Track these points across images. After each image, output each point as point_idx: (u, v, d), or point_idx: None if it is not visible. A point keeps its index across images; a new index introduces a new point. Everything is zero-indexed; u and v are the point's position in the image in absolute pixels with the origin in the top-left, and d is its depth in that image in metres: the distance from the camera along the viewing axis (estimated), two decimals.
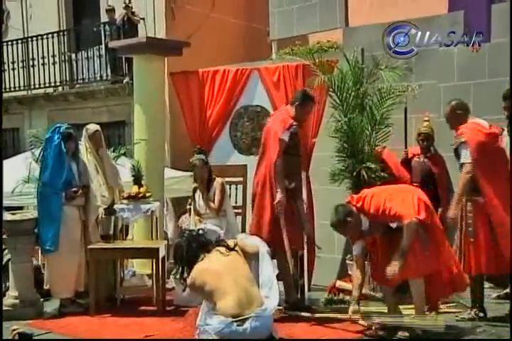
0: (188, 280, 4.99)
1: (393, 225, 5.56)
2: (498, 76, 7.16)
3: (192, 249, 5.07)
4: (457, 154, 6.08)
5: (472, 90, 7.55)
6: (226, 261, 4.94)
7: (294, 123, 6.54)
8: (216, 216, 7.18)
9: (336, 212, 5.72)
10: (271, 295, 4.96)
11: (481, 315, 6.05)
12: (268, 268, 5.13)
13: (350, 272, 7.26)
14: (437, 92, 7.72)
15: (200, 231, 5.31)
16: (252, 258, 5.15)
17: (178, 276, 5.23)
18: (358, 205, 5.69)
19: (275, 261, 6.29)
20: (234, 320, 4.63)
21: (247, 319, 4.65)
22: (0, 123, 7.72)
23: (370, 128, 7.26)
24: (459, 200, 5.98)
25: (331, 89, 7.48)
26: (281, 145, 6.43)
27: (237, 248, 5.07)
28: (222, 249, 5.03)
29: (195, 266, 4.98)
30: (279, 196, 6.40)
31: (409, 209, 5.45)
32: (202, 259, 5.01)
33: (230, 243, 5.13)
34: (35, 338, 5.00)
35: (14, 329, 4.21)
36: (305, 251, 7.44)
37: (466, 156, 5.89)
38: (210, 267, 4.93)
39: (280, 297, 5.15)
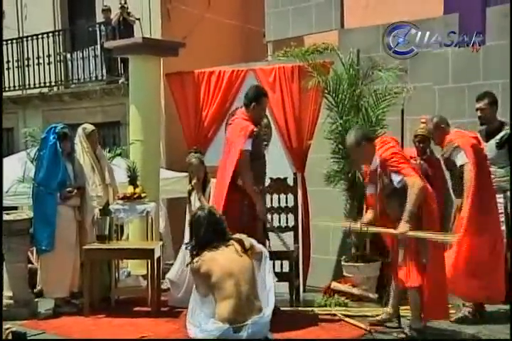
0: (196, 263, 4.86)
1: (396, 183, 5.51)
2: (493, 78, 7.20)
3: (209, 230, 4.92)
4: (450, 162, 6.18)
5: (467, 92, 7.58)
6: (238, 263, 4.83)
7: (255, 129, 6.23)
8: None
9: (356, 132, 5.72)
10: (268, 298, 4.92)
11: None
12: (268, 272, 5.09)
13: (345, 273, 7.30)
14: (432, 94, 7.74)
15: (223, 217, 5.13)
16: (256, 258, 5.10)
17: (189, 249, 5.11)
18: (377, 146, 5.64)
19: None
20: (231, 326, 4.59)
21: (244, 326, 4.62)
22: (0, 124, 7.69)
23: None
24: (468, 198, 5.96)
25: (326, 91, 7.50)
26: (246, 157, 6.15)
27: (249, 251, 4.97)
28: (239, 248, 4.91)
29: (207, 250, 4.85)
30: (259, 206, 6.23)
31: (416, 175, 5.49)
32: (216, 247, 4.87)
33: (247, 244, 5.00)
34: (29, 338, 5.00)
35: (7, 328, 4.19)
36: (300, 252, 7.48)
37: (463, 158, 5.94)
38: (223, 262, 4.80)
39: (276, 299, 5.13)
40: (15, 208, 8.37)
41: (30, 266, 7.48)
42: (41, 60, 13.40)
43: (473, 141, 6.03)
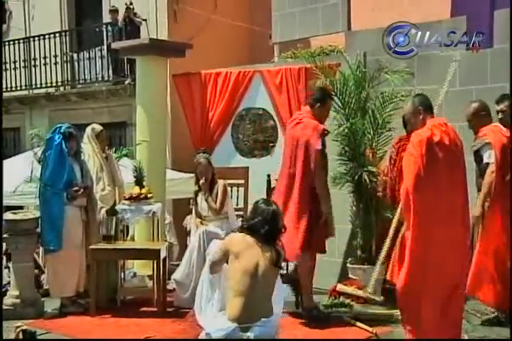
0: (231, 236, 4.86)
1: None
2: (501, 81, 7.16)
3: (260, 225, 4.76)
4: (478, 156, 6.10)
5: (474, 95, 7.57)
6: (266, 271, 4.70)
7: (326, 128, 6.46)
8: (216, 216, 7.21)
9: (417, 98, 5.34)
10: (277, 303, 4.90)
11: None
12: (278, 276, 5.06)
13: (350, 275, 7.30)
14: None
15: (282, 228, 4.94)
16: None
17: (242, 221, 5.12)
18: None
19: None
20: (238, 326, 4.56)
21: (251, 327, 4.58)
22: (0, 123, 7.73)
23: (372, 132, 7.29)
24: (484, 199, 5.93)
25: (333, 93, 7.50)
26: (319, 156, 6.28)
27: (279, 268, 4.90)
28: (274, 258, 4.74)
29: (251, 236, 4.75)
30: (324, 207, 6.35)
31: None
32: (258, 242, 4.72)
33: (281, 262, 4.89)
34: (38, 338, 5.00)
35: (18, 327, 4.21)
36: None
37: (491, 156, 5.90)
38: (252, 263, 4.67)
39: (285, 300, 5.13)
40: (21, 208, 8.40)
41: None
42: (48, 60, 13.43)
43: (504, 141, 5.91)
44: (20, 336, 4.10)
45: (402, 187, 5.00)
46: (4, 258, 7.72)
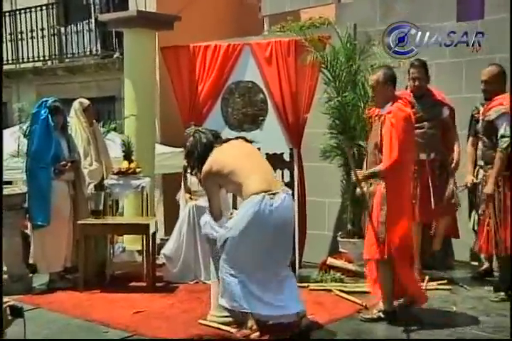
0: (204, 169, 5.16)
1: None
2: (491, 53, 7.11)
3: (203, 144, 5.28)
4: (491, 127, 5.92)
5: (464, 67, 7.51)
6: (250, 146, 5.32)
7: None
8: None
9: (385, 70, 5.46)
10: None
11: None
12: None
13: (341, 249, 7.29)
14: (430, 70, 7.65)
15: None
16: None
17: (193, 172, 5.47)
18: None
19: None
20: (267, 194, 4.89)
21: (276, 193, 4.94)
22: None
23: (362, 105, 7.22)
24: (497, 175, 5.80)
25: (323, 66, 7.42)
26: None
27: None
28: (240, 140, 5.36)
29: (213, 152, 5.22)
30: None
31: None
32: (220, 144, 5.28)
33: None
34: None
35: (5, 302, 4.16)
36: (296, 228, 7.45)
37: (507, 129, 5.75)
38: (235, 147, 5.24)
39: None
40: (9, 183, 8.33)
41: None
42: (35, 34, 13.29)
43: None
44: (8, 312, 4.04)
45: (388, 158, 5.15)
46: None
